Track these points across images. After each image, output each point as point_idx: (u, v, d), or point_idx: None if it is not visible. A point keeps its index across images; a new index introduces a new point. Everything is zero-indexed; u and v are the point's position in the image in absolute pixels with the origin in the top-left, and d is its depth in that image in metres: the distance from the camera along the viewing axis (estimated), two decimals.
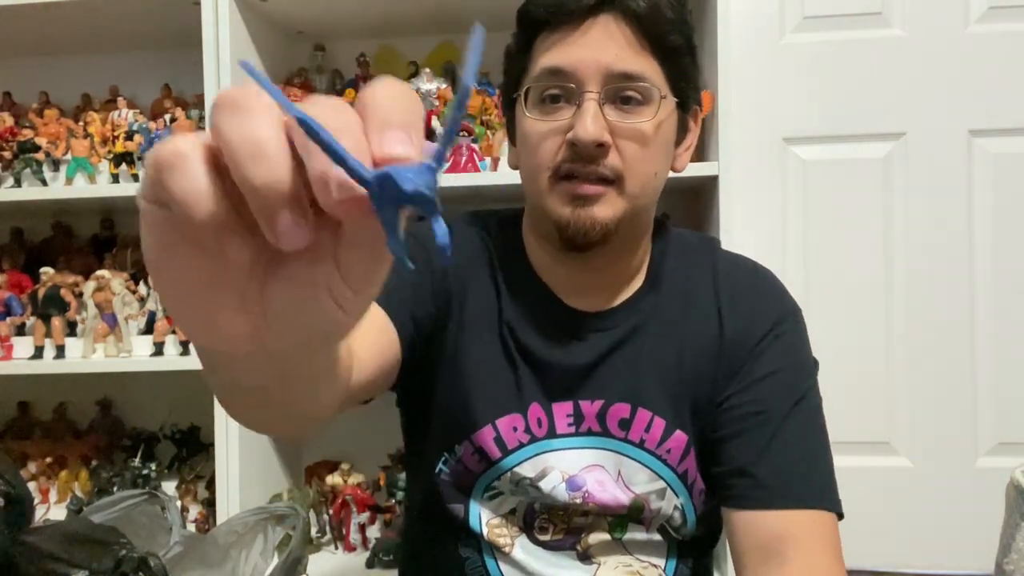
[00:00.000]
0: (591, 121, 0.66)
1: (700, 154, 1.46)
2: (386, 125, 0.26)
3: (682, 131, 0.75)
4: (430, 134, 1.44)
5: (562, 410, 0.77)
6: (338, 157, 0.25)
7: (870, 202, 1.64)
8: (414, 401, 0.82)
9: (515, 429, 0.76)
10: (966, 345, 1.63)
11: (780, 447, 0.73)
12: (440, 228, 0.26)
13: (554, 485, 0.75)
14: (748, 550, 0.71)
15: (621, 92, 0.68)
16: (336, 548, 1.52)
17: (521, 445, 0.76)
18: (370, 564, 1.45)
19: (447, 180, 1.41)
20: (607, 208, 0.70)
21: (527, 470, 0.76)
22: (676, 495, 0.77)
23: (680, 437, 0.76)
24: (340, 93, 1.54)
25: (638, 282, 0.80)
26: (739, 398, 0.75)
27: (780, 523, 0.71)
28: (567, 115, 0.69)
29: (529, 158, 0.72)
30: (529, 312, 0.77)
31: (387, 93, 0.27)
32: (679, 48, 0.70)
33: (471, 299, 0.78)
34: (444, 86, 1.46)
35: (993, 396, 1.62)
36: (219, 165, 0.27)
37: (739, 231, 1.37)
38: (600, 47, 0.67)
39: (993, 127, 1.61)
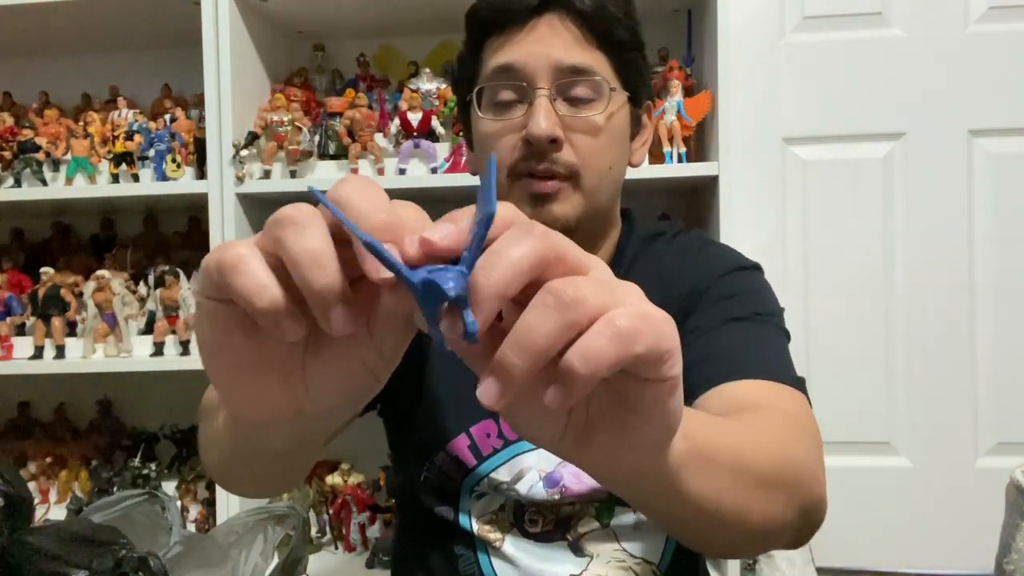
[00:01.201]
0: (543, 117, 0.67)
1: (700, 154, 1.46)
2: (418, 231, 0.32)
3: (635, 125, 0.76)
4: (430, 133, 1.44)
5: None
6: (390, 265, 0.31)
7: (870, 202, 1.64)
8: (392, 415, 0.84)
9: (488, 435, 0.77)
10: (966, 345, 1.63)
11: (743, 338, 0.70)
12: (469, 317, 0.30)
13: (531, 485, 0.75)
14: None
15: (571, 87, 0.69)
16: (336, 548, 1.52)
17: (495, 451, 0.77)
18: (370, 564, 1.45)
19: (447, 180, 1.41)
20: (566, 206, 0.71)
21: (503, 475, 0.76)
22: None
23: None
24: (340, 93, 1.54)
25: None
26: (691, 325, 0.73)
27: (744, 389, 0.65)
28: (520, 113, 0.70)
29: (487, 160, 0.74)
30: None
31: (409, 211, 0.34)
32: (626, 43, 0.71)
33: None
34: (444, 86, 1.46)
35: (993, 396, 1.62)
36: (272, 263, 0.32)
37: (739, 231, 1.37)
38: (547, 43, 0.69)
39: (993, 127, 1.61)
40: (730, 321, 0.72)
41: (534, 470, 0.76)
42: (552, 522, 0.77)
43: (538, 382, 0.31)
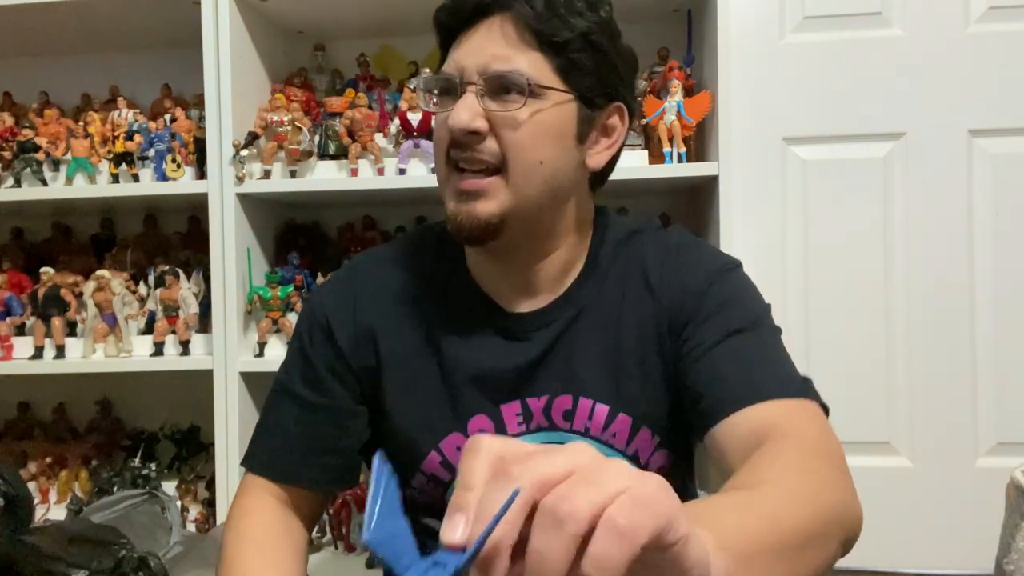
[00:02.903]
0: (463, 109, 0.71)
1: (700, 154, 1.46)
2: None
3: (585, 126, 0.76)
4: (430, 133, 1.44)
5: (511, 410, 0.79)
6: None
7: (870, 202, 1.64)
8: (373, 442, 0.85)
9: (458, 448, 0.78)
10: (966, 345, 1.63)
11: (746, 355, 0.72)
12: None
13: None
14: (732, 452, 0.67)
15: (498, 83, 0.72)
16: (336, 548, 1.52)
17: None
18: (370, 564, 1.45)
19: None
20: (490, 203, 0.72)
21: None
22: None
23: (624, 420, 0.78)
24: (340, 93, 1.54)
25: (575, 274, 0.81)
26: (690, 344, 0.75)
27: (760, 414, 0.67)
28: (452, 106, 0.73)
29: (434, 152, 0.78)
30: (467, 326, 0.80)
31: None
32: (569, 43, 0.72)
33: (397, 340, 0.81)
34: None
35: (993, 396, 1.62)
36: None
37: (739, 231, 1.37)
38: (483, 44, 0.72)
39: (993, 127, 1.61)
40: (730, 336, 0.74)
41: None
42: None
43: None
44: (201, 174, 1.48)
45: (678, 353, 0.77)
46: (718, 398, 0.70)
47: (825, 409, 0.72)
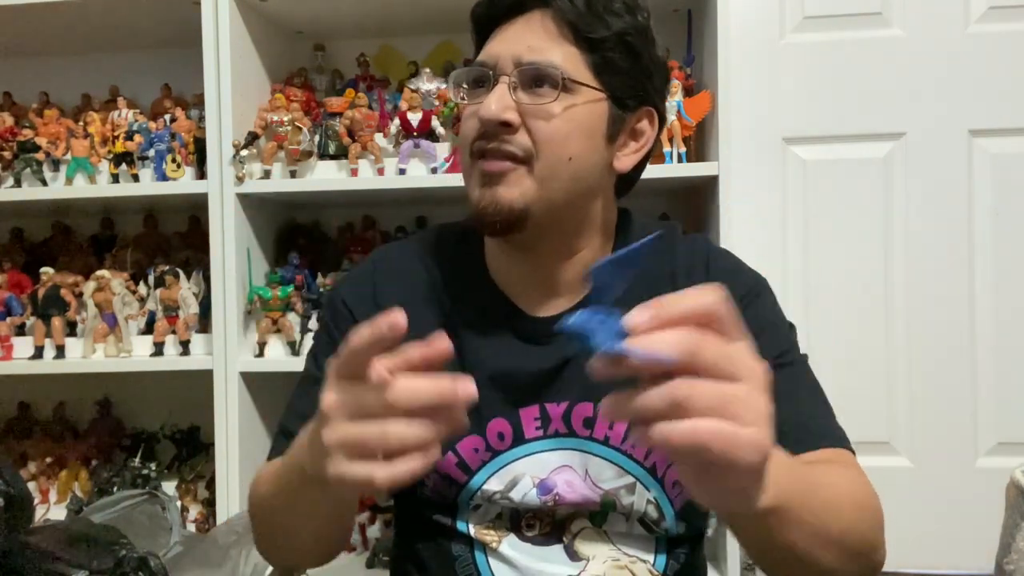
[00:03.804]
0: (495, 100, 0.71)
1: (700, 154, 1.46)
2: None
3: (615, 126, 0.75)
4: (430, 133, 1.44)
5: (529, 414, 0.77)
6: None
7: (870, 202, 1.64)
8: None
9: (476, 450, 0.77)
10: (966, 345, 1.63)
11: (793, 398, 0.71)
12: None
13: (525, 492, 0.76)
14: None
15: (531, 76, 0.72)
16: None
17: (484, 463, 0.77)
18: (370, 564, 1.45)
19: (447, 180, 1.41)
20: (514, 189, 0.72)
21: (495, 484, 0.76)
22: (647, 489, 0.76)
23: None
24: (340, 93, 1.54)
25: None
26: None
27: (813, 456, 0.69)
28: (483, 98, 0.73)
29: (460, 143, 0.77)
30: (485, 327, 0.79)
31: None
32: (605, 40, 0.73)
33: (415, 332, 0.79)
34: (444, 86, 1.46)
35: (993, 396, 1.62)
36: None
37: (739, 231, 1.37)
38: (519, 36, 0.73)
39: (993, 127, 1.61)
40: (774, 370, 0.74)
41: (527, 476, 0.76)
42: (548, 525, 0.78)
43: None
44: (201, 174, 1.48)
45: None
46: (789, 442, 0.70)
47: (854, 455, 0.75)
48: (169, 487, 1.56)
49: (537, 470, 0.76)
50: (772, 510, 0.50)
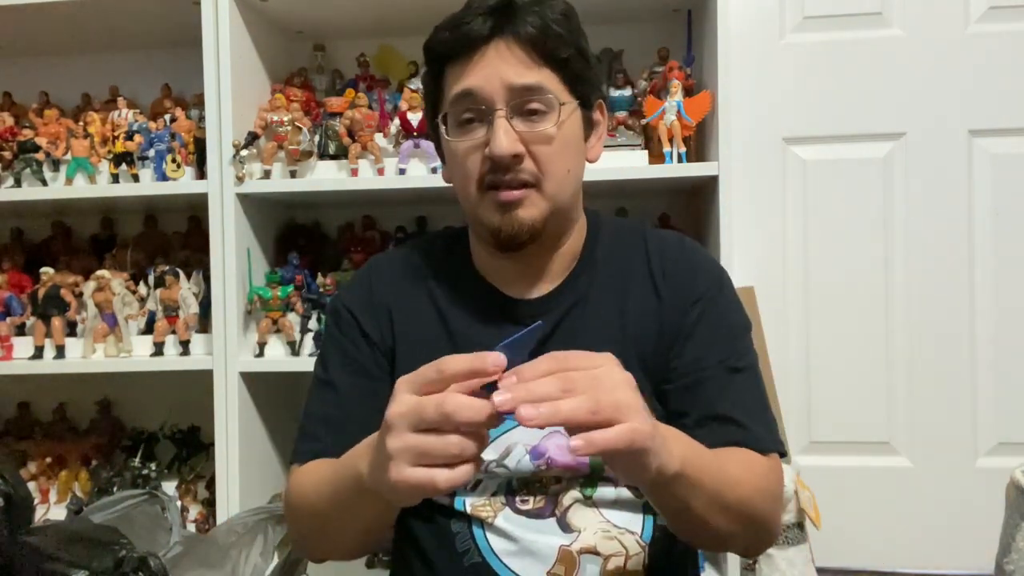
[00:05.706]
0: (503, 136, 0.76)
1: (700, 154, 1.46)
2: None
3: (588, 126, 0.84)
4: (429, 135, 1.44)
5: None
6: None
7: (870, 202, 1.65)
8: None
9: None
10: (966, 345, 1.63)
11: (740, 400, 0.81)
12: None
13: (518, 459, 0.81)
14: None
15: (524, 105, 0.77)
16: None
17: None
18: (370, 564, 1.45)
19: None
20: (531, 209, 0.79)
21: (489, 455, 0.81)
22: None
23: None
24: (340, 93, 1.54)
25: (573, 264, 0.88)
26: (684, 359, 0.82)
27: (741, 456, 0.79)
28: (482, 133, 0.78)
29: (457, 174, 0.82)
30: (474, 311, 0.86)
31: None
32: (570, 58, 0.79)
33: (409, 319, 0.87)
34: None
35: (993, 396, 1.62)
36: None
37: (739, 231, 1.37)
38: (499, 67, 0.77)
39: (993, 127, 1.61)
40: (730, 373, 0.82)
41: (520, 444, 0.81)
42: (541, 500, 0.82)
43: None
44: (201, 174, 1.48)
45: (671, 351, 0.83)
46: (713, 436, 0.76)
47: (782, 454, 0.83)
48: (169, 487, 1.56)
49: (528, 438, 0.81)
50: (676, 476, 0.63)
